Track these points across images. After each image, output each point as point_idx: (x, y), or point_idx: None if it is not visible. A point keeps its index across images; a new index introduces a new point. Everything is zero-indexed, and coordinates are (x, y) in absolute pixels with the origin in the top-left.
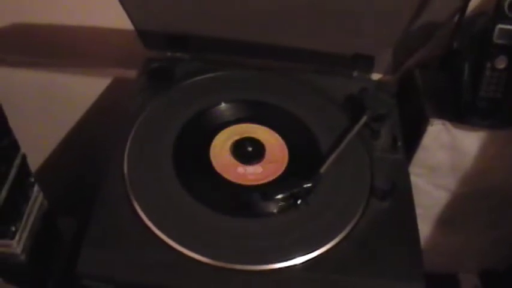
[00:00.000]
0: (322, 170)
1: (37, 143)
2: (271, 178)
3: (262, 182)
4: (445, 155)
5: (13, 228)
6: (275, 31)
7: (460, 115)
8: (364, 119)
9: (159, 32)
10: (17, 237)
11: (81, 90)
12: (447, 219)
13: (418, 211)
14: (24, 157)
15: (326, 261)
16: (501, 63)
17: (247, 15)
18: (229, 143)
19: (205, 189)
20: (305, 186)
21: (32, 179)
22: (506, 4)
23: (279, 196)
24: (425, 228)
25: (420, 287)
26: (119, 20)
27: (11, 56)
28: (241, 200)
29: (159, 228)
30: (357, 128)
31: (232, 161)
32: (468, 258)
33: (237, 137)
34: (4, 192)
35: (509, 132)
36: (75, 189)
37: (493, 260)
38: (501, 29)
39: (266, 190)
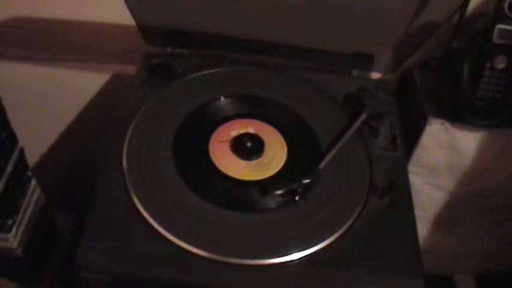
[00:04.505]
0: (321, 166)
1: (35, 137)
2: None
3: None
4: (443, 155)
5: (10, 222)
6: (275, 28)
7: (459, 115)
8: (363, 116)
9: (159, 28)
10: (13, 231)
11: (81, 84)
12: (444, 220)
13: (416, 211)
14: (22, 150)
15: (324, 257)
16: (501, 64)
17: (247, 12)
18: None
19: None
20: (304, 182)
21: (30, 173)
22: (506, 4)
23: (278, 192)
24: (421, 228)
25: (419, 284)
26: (119, 15)
27: (10, 49)
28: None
29: (158, 222)
30: (356, 125)
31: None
32: (464, 260)
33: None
34: (1, 186)
35: (508, 133)
36: (73, 183)
37: (490, 262)
38: (501, 29)
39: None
